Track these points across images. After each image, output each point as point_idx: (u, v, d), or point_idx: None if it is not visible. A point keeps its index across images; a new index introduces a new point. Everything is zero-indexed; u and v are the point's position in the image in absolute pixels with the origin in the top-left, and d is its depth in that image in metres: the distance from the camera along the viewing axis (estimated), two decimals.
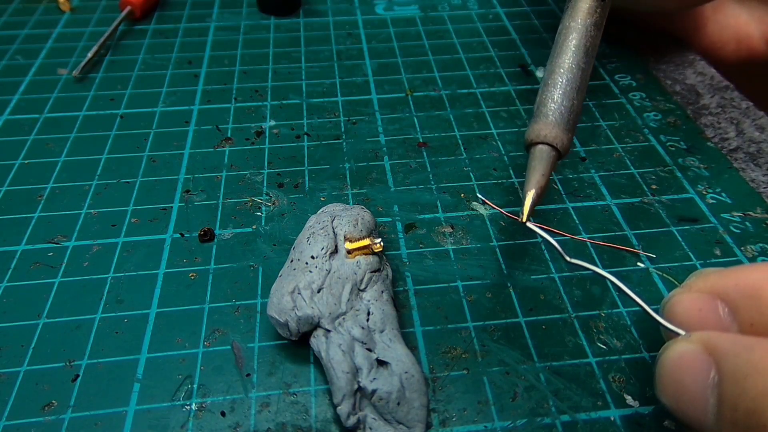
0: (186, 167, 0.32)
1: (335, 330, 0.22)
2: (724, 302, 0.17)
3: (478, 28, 0.45)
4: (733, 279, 0.17)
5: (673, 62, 0.41)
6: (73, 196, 0.30)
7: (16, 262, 0.27)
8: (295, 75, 0.40)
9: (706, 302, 0.18)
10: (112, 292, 0.26)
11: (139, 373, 0.23)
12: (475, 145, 0.34)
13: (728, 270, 0.18)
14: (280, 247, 0.28)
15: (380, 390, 0.20)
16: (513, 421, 0.21)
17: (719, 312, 0.17)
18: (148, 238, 0.28)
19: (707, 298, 0.18)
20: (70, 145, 0.34)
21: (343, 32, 0.45)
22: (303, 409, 0.22)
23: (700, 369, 0.16)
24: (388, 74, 0.40)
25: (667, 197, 0.30)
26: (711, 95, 0.37)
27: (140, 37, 0.44)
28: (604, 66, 0.40)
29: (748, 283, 0.17)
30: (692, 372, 0.16)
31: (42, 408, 0.22)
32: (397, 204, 0.30)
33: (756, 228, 0.28)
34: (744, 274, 0.17)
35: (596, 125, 0.35)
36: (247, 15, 0.47)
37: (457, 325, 0.24)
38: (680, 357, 0.17)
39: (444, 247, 0.28)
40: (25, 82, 0.39)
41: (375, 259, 0.24)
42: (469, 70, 0.40)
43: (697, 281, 0.18)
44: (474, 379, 0.22)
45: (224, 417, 0.21)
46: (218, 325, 0.24)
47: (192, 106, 0.37)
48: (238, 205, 0.30)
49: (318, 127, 0.35)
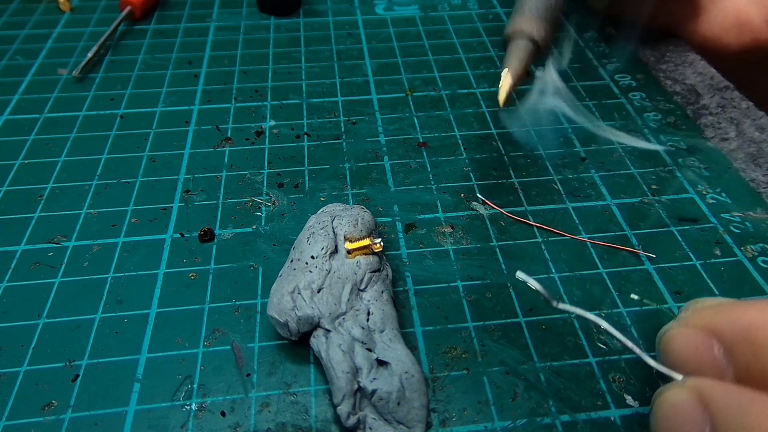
0: (186, 167, 0.32)
1: (335, 330, 0.22)
2: (720, 342, 0.17)
3: (478, 28, 0.45)
4: (728, 318, 0.17)
5: (673, 62, 0.41)
6: (73, 196, 0.30)
7: (16, 262, 0.27)
8: (295, 75, 0.40)
9: (702, 341, 0.17)
10: (112, 292, 0.26)
11: (139, 373, 0.23)
12: (475, 145, 0.34)
13: (724, 306, 0.18)
14: (280, 247, 0.28)
15: (380, 390, 0.20)
16: (513, 421, 0.21)
17: (714, 352, 0.17)
18: (148, 238, 0.28)
19: (703, 337, 0.17)
20: (70, 145, 0.34)
21: (343, 32, 0.45)
22: (303, 409, 0.22)
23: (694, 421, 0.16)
24: (388, 74, 0.40)
25: (667, 197, 0.30)
26: (711, 95, 0.37)
27: (140, 37, 0.44)
28: (604, 66, 0.40)
29: (743, 324, 0.16)
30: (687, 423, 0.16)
31: (42, 408, 0.22)
32: (397, 204, 0.30)
33: (756, 228, 0.28)
34: (739, 313, 0.17)
35: (596, 125, 0.35)
36: (247, 15, 0.47)
37: (457, 325, 0.24)
38: (675, 406, 0.17)
39: (444, 247, 0.28)
40: (25, 82, 0.39)
41: (375, 259, 0.24)
42: (469, 70, 0.40)
43: (694, 316, 0.18)
44: (474, 379, 0.22)
45: (224, 417, 0.21)
46: (218, 325, 0.24)
47: (192, 106, 0.37)
48: (238, 205, 0.30)
49: (318, 127, 0.35)
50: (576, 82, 0.39)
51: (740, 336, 0.16)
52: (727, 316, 0.17)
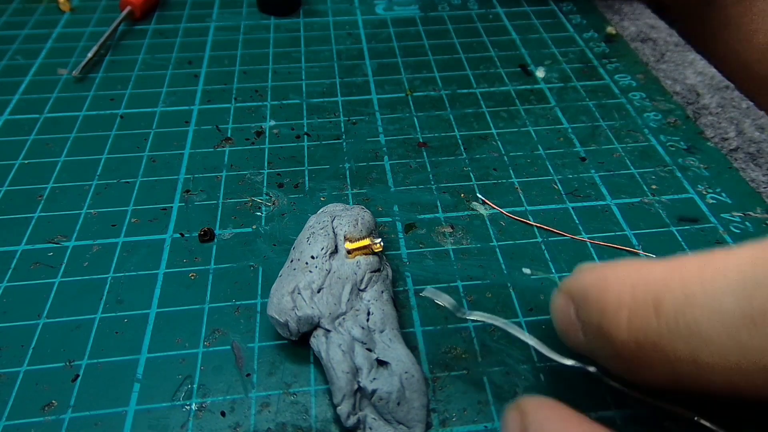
0: (186, 167, 0.32)
1: (335, 330, 0.22)
2: (573, 303, 0.19)
3: (478, 28, 0.45)
4: (576, 280, 0.19)
5: (673, 62, 0.41)
6: (73, 196, 0.30)
7: (16, 262, 0.27)
8: (295, 75, 0.40)
9: (563, 303, 0.19)
10: (112, 292, 0.26)
11: (139, 373, 0.23)
12: (475, 145, 0.34)
13: (577, 272, 0.19)
14: (280, 247, 0.28)
15: (380, 390, 0.20)
16: None
17: (570, 313, 0.19)
18: (148, 238, 0.28)
19: (565, 299, 0.19)
20: (70, 145, 0.34)
21: (343, 32, 0.45)
22: (303, 409, 0.22)
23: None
24: (388, 74, 0.40)
25: (667, 197, 0.30)
26: (711, 95, 0.37)
27: (140, 37, 0.44)
28: (604, 66, 0.40)
29: (580, 286, 0.19)
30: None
31: (42, 408, 0.22)
32: (397, 204, 0.30)
33: (756, 228, 0.28)
34: (581, 274, 0.19)
35: (596, 125, 0.35)
36: (247, 15, 0.47)
37: (457, 325, 0.24)
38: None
39: (444, 247, 0.28)
40: (25, 82, 0.39)
41: (375, 259, 0.24)
42: (469, 70, 0.40)
43: (563, 282, 0.20)
44: (474, 379, 0.22)
45: (224, 417, 0.21)
46: (218, 325, 0.24)
47: (192, 106, 0.37)
48: (238, 205, 0.30)
49: (318, 127, 0.35)
50: (576, 82, 0.39)
51: (580, 295, 0.18)
52: (575, 278, 0.19)
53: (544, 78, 0.39)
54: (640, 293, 0.16)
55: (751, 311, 0.14)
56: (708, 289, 0.15)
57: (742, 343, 0.14)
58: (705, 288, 0.15)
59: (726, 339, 0.15)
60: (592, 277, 0.18)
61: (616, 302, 0.17)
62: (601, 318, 0.17)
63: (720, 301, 0.15)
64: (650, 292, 0.16)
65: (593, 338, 0.18)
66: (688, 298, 0.15)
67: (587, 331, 0.18)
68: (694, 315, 0.15)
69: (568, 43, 0.43)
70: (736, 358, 0.15)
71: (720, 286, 0.15)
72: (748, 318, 0.14)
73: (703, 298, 0.15)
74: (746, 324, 0.14)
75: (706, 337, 0.15)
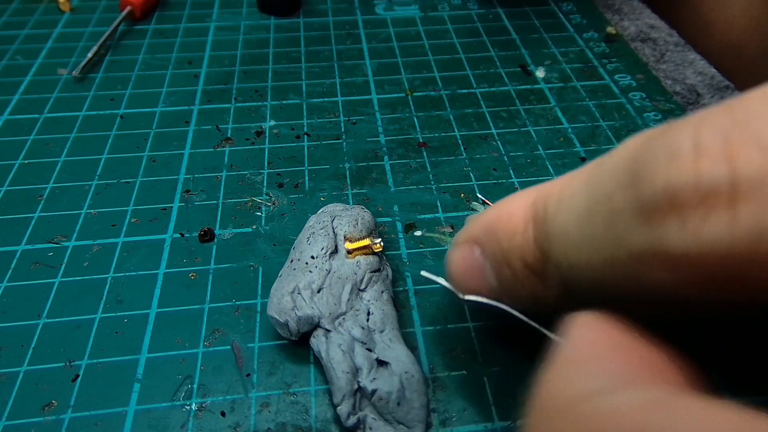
0: (186, 167, 0.32)
1: (335, 330, 0.22)
2: (477, 244, 0.19)
3: (478, 28, 0.45)
4: (477, 221, 0.19)
5: (673, 62, 0.41)
6: (73, 196, 0.30)
7: (16, 262, 0.27)
8: (295, 75, 0.40)
9: (466, 250, 0.19)
10: (112, 292, 0.26)
11: (139, 373, 0.23)
12: (475, 145, 0.34)
13: (469, 219, 0.20)
14: (280, 247, 0.28)
15: (380, 390, 0.20)
16: (513, 421, 0.21)
17: (475, 255, 0.19)
18: (148, 238, 0.28)
19: (466, 246, 0.19)
20: (70, 145, 0.34)
21: (343, 32, 0.45)
22: (303, 409, 0.22)
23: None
24: (388, 74, 0.40)
25: None
26: (711, 95, 0.37)
27: (140, 37, 0.44)
28: (604, 66, 0.40)
29: (484, 221, 0.18)
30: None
31: (42, 408, 0.22)
32: (397, 204, 0.30)
33: None
34: (478, 217, 0.19)
35: (596, 125, 0.35)
36: (247, 15, 0.47)
37: (457, 325, 0.24)
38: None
39: (444, 247, 0.28)
40: (25, 82, 0.39)
41: (375, 259, 0.24)
42: (469, 70, 0.40)
43: (459, 234, 0.20)
44: (474, 379, 0.22)
45: (224, 417, 0.21)
46: (218, 325, 0.24)
47: (192, 106, 0.37)
48: (238, 205, 0.30)
49: (318, 127, 0.35)
50: (576, 82, 0.39)
51: (485, 231, 0.18)
52: (477, 220, 0.19)
53: (544, 78, 0.39)
54: (540, 206, 0.17)
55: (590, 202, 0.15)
56: (573, 189, 0.16)
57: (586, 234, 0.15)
58: (572, 189, 0.16)
59: (578, 235, 0.15)
60: (493, 211, 0.18)
61: (523, 221, 0.17)
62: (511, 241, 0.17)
63: (576, 198, 0.15)
64: (541, 202, 0.17)
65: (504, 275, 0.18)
66: (559, 203, 0.16)
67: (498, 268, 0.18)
68: (562, 217, 0.16)
69: (568, 43, 0.43)
70: (587, 254, 0.15)
71: (577, 184, 0.16)
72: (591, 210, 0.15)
73: (569, 199, 0.16)
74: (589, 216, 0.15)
75: (572, 238, 0.15)
